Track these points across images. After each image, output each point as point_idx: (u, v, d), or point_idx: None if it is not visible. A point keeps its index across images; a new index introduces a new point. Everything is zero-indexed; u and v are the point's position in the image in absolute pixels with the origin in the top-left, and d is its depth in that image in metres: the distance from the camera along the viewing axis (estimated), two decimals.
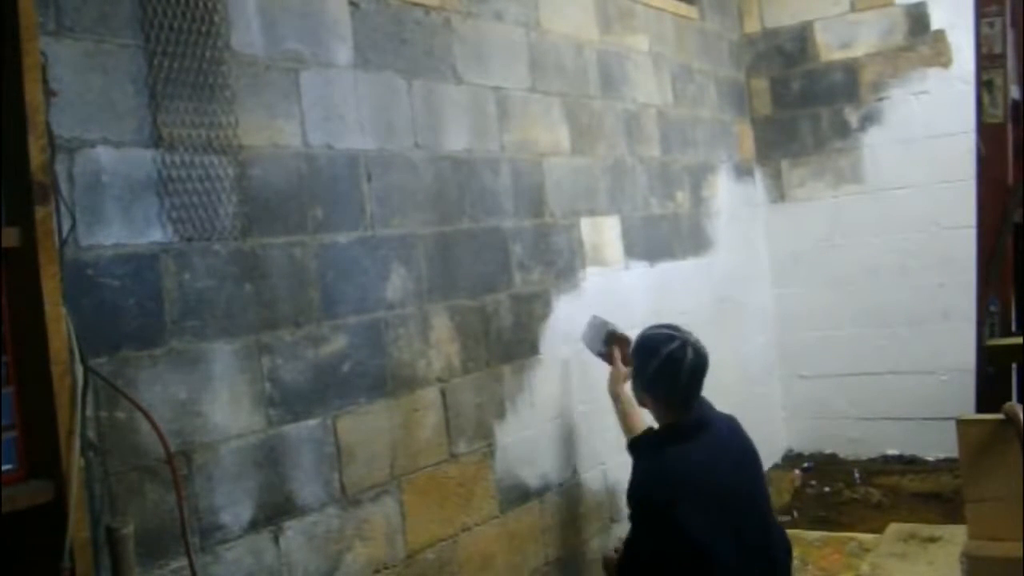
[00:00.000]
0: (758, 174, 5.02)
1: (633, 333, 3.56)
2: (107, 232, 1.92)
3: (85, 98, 1.90)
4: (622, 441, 3.57)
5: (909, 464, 4.65)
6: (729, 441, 2.68)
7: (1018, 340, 2.75)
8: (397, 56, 2.70)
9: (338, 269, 2.44)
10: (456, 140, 2.90)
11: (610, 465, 3.49)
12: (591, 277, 3.48)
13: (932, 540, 2.28)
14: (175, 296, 2.04)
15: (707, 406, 2.70)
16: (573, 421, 3.32)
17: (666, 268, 3.99)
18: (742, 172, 4.86)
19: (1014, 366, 2.78)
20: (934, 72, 4.58)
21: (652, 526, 2.51)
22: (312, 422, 2.33)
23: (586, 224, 3.49)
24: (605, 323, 3.22)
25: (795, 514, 4.41)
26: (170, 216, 2.04)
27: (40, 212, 1.56)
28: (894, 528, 2.42)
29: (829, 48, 4.83)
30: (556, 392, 3.24)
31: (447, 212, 2.83)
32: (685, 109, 4.31)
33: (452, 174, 2.87)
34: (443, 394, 2.76)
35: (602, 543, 3.41)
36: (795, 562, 2.99)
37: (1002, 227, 2.79)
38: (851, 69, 4.79)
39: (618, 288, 3.64)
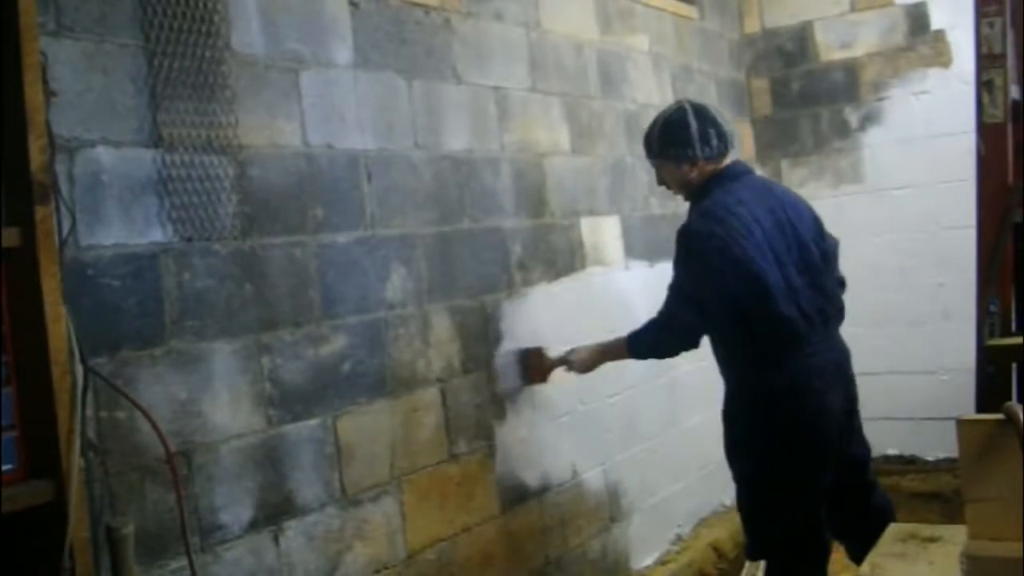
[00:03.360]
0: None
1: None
2: (107, 232, 1.92)
3: (85, 98, 1.90)
4: (621, 440, 3.58)
5: (909, 464, 4.65)
6: (779, 188, 3.01)
7: (1018, 340, 2.75)
8: (397, 56, 2.70)
9: (338, 269, 2.44)
10: (456, 140, 2.90)
11: (610, 465, 3.49)
12: (591, 277, 3.48)
13: (932, 540, 2.28)
14: (175, 296, 2.04)
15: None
16: (573, 421, 3.32)
17: (666, 268, 3.95)
18: None
19: (1014, 366, 2.77)
20: (934, 72, 4.57)
21: (708, 259, 2.65)
22: (312, 422, 2.33)
23: (586, 224, 3.49)
24: (516, 353, 3.06)
25: None
26: (170, 216, 2.04)
27: (40, 212, 1.56)
28: (894, 528, 2.42)
29: (829, 48, 4.83)
30: (556, 392, 3.24)
31: (447, 212, 2.83)
32: None
33: (452, 174, 2.87)
34: (443, 394, 2.76)
35: (602, 543, 3.41)
36: None
37: (1002, 227, 2.79)
38: (851, 69, 4.78)
39: (618, 288, 3.64)
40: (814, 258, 2.80)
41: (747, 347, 2.74)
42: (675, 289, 2.77)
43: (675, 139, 2.84)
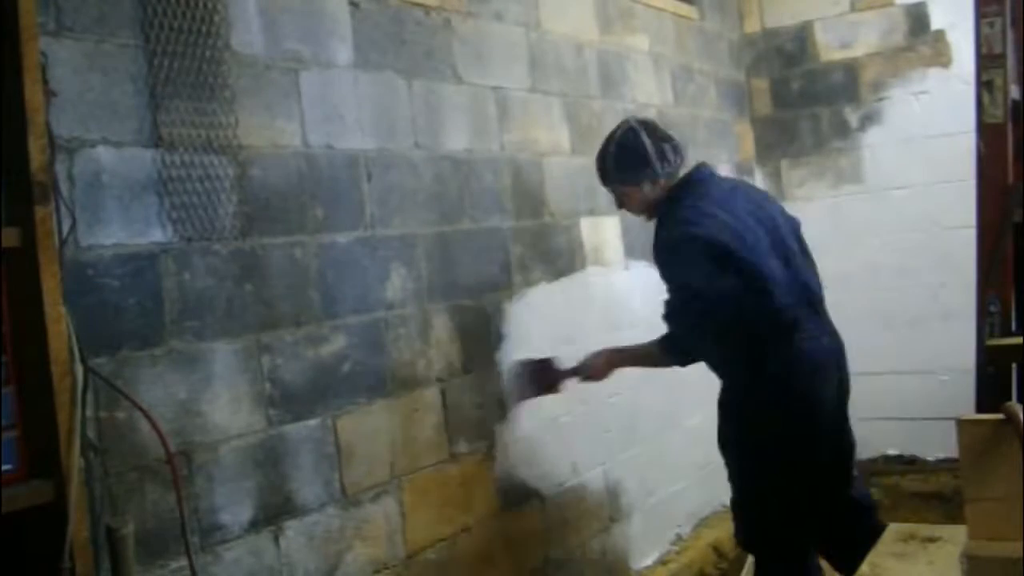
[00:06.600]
0: (758, 174, 5.02)
1: (634, 332, 3.58)
2: (107, 232, 1.92)
3: (85, 98, 1.90)
4: (622, 440, 3.58)
5: (909, 464, 4.65)
6: (747, 185, 3.03)
7: (1018, 340, 2.74)
8: (397, 56, 2.70)
9: (338, 269, 2.44)
10: (456, 140, 2.90)
11: (610, 465, 3.49)
12: (591, 277, 3.48)
13: (932, 540, 2.28)
14: (175, 296, 2.04)
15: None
16: (573, 421, 3.32)
17: None
18: (742, 172, 4.86)
19: (1014, 366, 2.77)
20: (934, 72, 4.57)
21: (695, 262, 2.61)
22: (312, 422, 2.33)
23: (586, 224, 3.49)
24: (524, 364, 3.03)
25: None
26: (170, 216, 2.04)
27: (40, 212, 1.56)
28: (894, 528, 2.43)
29: (829, 48, 4.83)
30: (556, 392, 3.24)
31: (447, 212, 2.83)
32: (685, 109, 4.31)
33: (452, 174, 2.87)
34: (443, 394, 2.76)
35: (602, 543, 3.42)
36: None
37: (1002, 227, 2.78)
38: (851, 69, 4.78)
39: (618, 288, 3.64)
40: (794, 248, 2.80)
41: (742, 339, 2.70)
42: (674, 294, 2.74)
43: (632, 161, 2.78)
